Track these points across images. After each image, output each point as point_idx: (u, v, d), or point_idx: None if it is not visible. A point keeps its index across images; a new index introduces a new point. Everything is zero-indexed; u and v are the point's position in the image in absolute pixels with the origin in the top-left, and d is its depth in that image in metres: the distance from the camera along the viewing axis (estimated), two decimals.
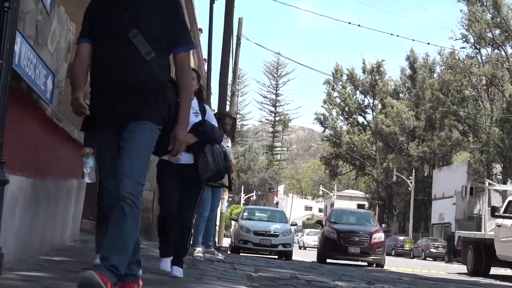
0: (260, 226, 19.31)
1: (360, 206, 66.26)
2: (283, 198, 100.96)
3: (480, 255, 17.97)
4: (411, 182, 58.01)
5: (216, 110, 18.26)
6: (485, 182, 19.49)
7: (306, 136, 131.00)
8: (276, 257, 18.40)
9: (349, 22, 62.55)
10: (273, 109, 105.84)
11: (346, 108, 72.75)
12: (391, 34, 72.37)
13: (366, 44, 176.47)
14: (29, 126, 5.84)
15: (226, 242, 26.86)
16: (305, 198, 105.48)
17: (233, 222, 25.49)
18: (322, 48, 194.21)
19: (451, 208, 55.91)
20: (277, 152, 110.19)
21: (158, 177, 6.51)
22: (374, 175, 69.47)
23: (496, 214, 16.44)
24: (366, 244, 18.59)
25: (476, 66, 52.66)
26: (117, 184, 3.77)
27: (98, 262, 3.65)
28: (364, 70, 71.79)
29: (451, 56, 56.10)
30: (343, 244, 18.48)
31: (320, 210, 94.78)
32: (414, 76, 66.66)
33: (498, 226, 16.49)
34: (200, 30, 29.58)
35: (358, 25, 70.91)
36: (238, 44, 25.63)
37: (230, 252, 18.98)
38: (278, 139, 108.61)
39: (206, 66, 22.84)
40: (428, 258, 43.11)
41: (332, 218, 20.62)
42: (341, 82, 73.42)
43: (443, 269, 23.81)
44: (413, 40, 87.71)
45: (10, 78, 4.56)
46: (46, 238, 6.62)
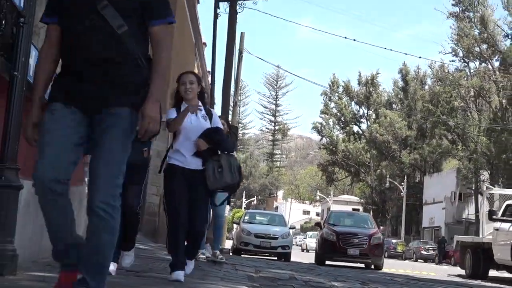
0: (260, 229, 19.28)
1: (355, 210, 66.07)
2: (282, 202, 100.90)
3: (478, 259, 17.18)
4: (403, 188, 58.00)
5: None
6: (481, 187, 18.67)
7: (304, 144, 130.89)
8: (275, 258, 18.35)
9: (345, 37, 62.64)
10: (273, 118, 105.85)
11: (342, 118, 72.83)
12: (385, 48, 72.39)
13: (361, 57, 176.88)
14: None
15: (228, 244, 26.81)
16: (303, 203, 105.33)
17: (235, 225, 25.47)
18: (319, 61, 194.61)
19: (441, 212, 55.89)
20: (276, 159, 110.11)
21: (166, 183, 5.83)
22: (368, 181, 69.44)
23: (493, 217, 15.90)
24: (365, 246, 17.72)
25: (464, 78, 52.69)
26: (90, 186, 3.23)
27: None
28: (359, 82, 71.88)
29: (441, 69, 56.14)
30: (342, 246, 17.63)
31: (317, 214, 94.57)
32: (406, 88, 66.79)
33: (496, 229, 15.90)
34: (204, 44, 29.67)
35: (354, 39, 70.26)
36: (240, 57, 25.61)
37: (232, 253, 18.95)
38: (277, 147, 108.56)
39: (210, 78, 22.86)
40: (419, 260, 43.01)
41: (330, 220, 19.57)
42: (337, 94, 73.46)
43: (434, 270, 23.75)
44: (405, 54, 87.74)
45: (25, 89, 4.57)
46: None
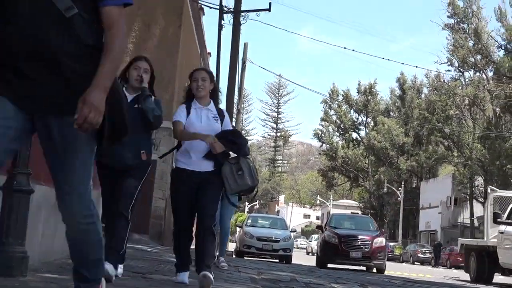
0: (262, 233, 19.21)
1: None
2: (284, 206, 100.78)
3: (482, 263, 16.03)
4: (401, 193, 57.90)
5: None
6: (488, 189, 17.17)
7: (304, 150, 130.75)
8: (277, 261, 18.26)
9: (344, 47, 62.69)
10: (274, 125, 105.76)
11: (342, 125, 72.87)
12: (383, 58, 72.14)
13: (360, 67, 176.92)
14: None
15: (232, 247, 26.78)
16: (303, 207, 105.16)
17: (238, 229, 25.42)
18: (319, 70, 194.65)
19: (437, 216, 55.80)
20: (278, 165, 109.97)
21: (171, 186, 5.44)
22: (366, 186, 69.39)
23: (498, 220, 14.91)
24: (367, 248, 16.86)
25: (459, 87, 52.70)
26: (63, 199, 2.84)
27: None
28: (358, 91, 72.03)
29: (437, 78, 56.18)
30: (344, 248, 16.80)
31: (317, 218, 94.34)
32: (403, 96, 66.85)
33: (501, 233, 14.82)
34: (209, 54, 29.71)
35: (353, 49, 71.21)
36: (244, 67, 25.66)
37: (235, 256, 18.91)
38: (279, 153, 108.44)
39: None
40: (416, 263, 42.94)
41: (332, 223, 18.71)
42: (337, 102, 73.51)
43: (430, 272, 23.69)
44: (402, 63, 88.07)
45: None
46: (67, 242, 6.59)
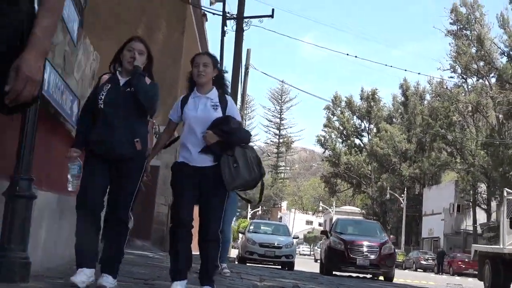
0: (265, 239, 19.20)
1: None
2: (286, 213, 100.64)
3: (498, 271, 14.79)
4: (403, 200, 57.80)
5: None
6: (503, 191, 15.47)
7: (307, 156, 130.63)
8: (279, 267, 18.24)
9: (347, 54, 62.80)
10: (277, 131, 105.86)
11: (344, 131, 72.82)
12: (386, 64, 72.76)
13: (363, 73, 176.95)
14: (56, 146, 5.85)
15: (234, 253, 26.74)
16: (306, 213, 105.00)
17: (240, 235, 25.38)
18: (322, 76, 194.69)
19: (440, 223, 55.68)
20: (281, 171, 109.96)
21: (171, 182, 4.97)
22: (369, 193, 69.27)
23: None
24: (375, 255, 15.94)
25: (462, 94, 52.69)
26: None
27: None
28: (361, 97, 72.11)
29: (440, 85, 56.15)
30: (351, 255, 15.88)
31: (320, 224, 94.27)
32: (406, 102, 66.82)
33: None
34: None
35: (356, 56, 71.21)
36: (246, 72, 25.68)
37: (237, 262, 18.88)
38: (282, 159, 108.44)
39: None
40: (419, 269, 42.85)
41: (337, 228, 17.80)
42: (340, 108, 73.54)
43: (433, 280, 23.63)
44: (405, 70, 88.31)
45: (40, 103, 4.58)
46: (69, 248, 6.60)
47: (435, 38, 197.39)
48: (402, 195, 58.55)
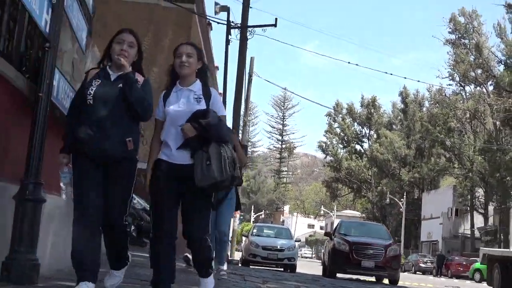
0: (268, 242, 19.17)
1: None
2: (289, 216, 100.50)
3: (507, 274, 14.14)
4: (403, 204, 57.71)
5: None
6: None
7: (309, 162, 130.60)
8: (281, 269, 18.21)
9: (348, 62, 62.76)
10: (280, 137, 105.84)
11: (345, 137, 72.87)
12: (386, 72, 72.69)
13: (364, 81, 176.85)
14: None
15: (238, 255, 26.70)
16: (308, 217, 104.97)
17: (243, 238, 25.36)
18: (324, 84, 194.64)
19: (438, 227, 55.57)
20: (283, 176, 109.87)
21: (152, 178, 4.36)
22: (369, 197, 69.21)
23: None
24: (381, 257, 15.03)
25: (460, 101, 52.70)
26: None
27: None
28: (361, 104, 72.18)
29: (439, 92, 56.19)
30: (356, 257, 14.98)
31: (321, 228, 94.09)
32: (405, 109, 66.84)
33: None
34: (216, 67, 29.76)
35: (357, 64, 70.74)
36: (250, 80, 25.70)
37: (241, 264, 18.85)
38: (284, 164, 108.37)
39: (221, 99, 22.92)
40: (417, 272, 42.73)
41: (341, 230, 16.82)
42: (341, 115, 73.60)
43: (432, 282, 23.55)
44: (405, 78, 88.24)
45: (49, 110, 4.59)
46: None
47: (434, 47, 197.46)
48: (402, 200, 58.46)
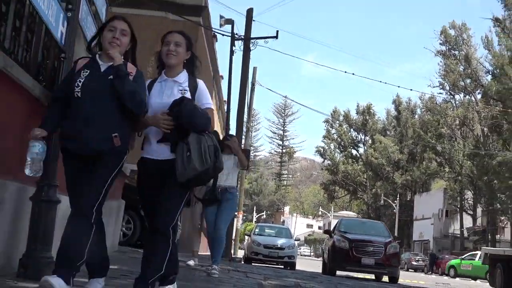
0: (269, 241, 19.15)
1: None
2: (289, 217, 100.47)
3: (510, 274, 13.28)
4: (396, 205, 57.68)
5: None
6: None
7: (308, 165, 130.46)
8: (282, 267, 18.18)
9: (345, 72, 62.60)
10: (280, 142, 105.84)
11: (342, 143, 72.87)
12: (380, 81, 72.56)
13: (359, 89, 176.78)
14: None
15: (241, 253, 26.68)
16: (306, 218, 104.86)
17: (246, 237, 25.33)
18: (322, 92, 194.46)
19: (430, 227, 55.50)
20: (283, 178, 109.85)
21: (138, 178, 4.01)
22: (365, 199, 69.18)
23: None
24: (380, 255, 14.37)
25: (450, 109, 52.68)
26: None
27: None
28: (357, 111, 72.17)
29: (430, 100, 56.15)
30: (356, 254, 14.34)
31: (319, 228, 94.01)
32: (399, 116, 66.86)
33: None
34: (221, 77, 29.82)
35: (353, 74, 70.30)
36: (253, 88, 25.71)
37: (243, 262, 18.83)
38: (284, 168, 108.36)
39: (226, 107, 22.95)
40: (410, 270, 42.65)
41: (341, 228, 16.09)
42: (338, 121, 73.59)
43: (424, 279, 23.51)
44: (398, 87, 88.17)
45: None
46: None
47: (426, 58, 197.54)
48: (395, 201, 58.42)
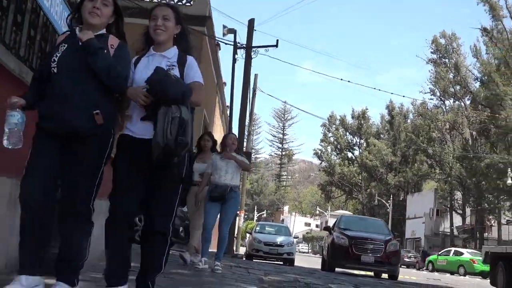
0: (269, 238, 19.16)
1: None
2: (288, 216, 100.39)
3: None
4: (389, 205, 57.63)
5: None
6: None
7: (306, 167, 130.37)
8: (281, 263, 18.19)
9: (341, 79, 62.62)
10: (280, 145, 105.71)
11: (338, 145, 72.79)
12: (374, 88, 72.30)
13: (354, 95, 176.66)
14: None
15: (242, 250, 26.68)
16: (305, 216, 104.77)
17: (247, 235, 25.33)
18: (320, 98, 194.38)
19: (421, 226, 55.43)
20: (283, 179, 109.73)
21: (113, 160, 3.36)
22: (360, 199, 69.12)
23: None
24: (380, 252, 13.67)
25: (441, 114, 52.64)
26: None
27: None
28: (353, 116, 72.18)
29: (422, 106, 56.11)
30: (355, 252, 13.63)
31: (317, 226, 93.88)
32: (392, 121, 66.84)
33: None
34: (224, 83, 29.84)
35: (348, 81, 70.90)
36: (254, 94, 25.78)
37: (245, 258, 18.84)
38: (284, 169, 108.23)
39: (228, 111, 22.98)
40: (402, 266, 42.54)
41: (341, 225, 15.19)
42: (334, 125, 73.60)
43: (415, 275, 23.49)
44: (391, 93, 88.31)
45: None
46: (100, 246, 6.60)
47: (418, 66, 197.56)
48: (389, 201, 58.38)
